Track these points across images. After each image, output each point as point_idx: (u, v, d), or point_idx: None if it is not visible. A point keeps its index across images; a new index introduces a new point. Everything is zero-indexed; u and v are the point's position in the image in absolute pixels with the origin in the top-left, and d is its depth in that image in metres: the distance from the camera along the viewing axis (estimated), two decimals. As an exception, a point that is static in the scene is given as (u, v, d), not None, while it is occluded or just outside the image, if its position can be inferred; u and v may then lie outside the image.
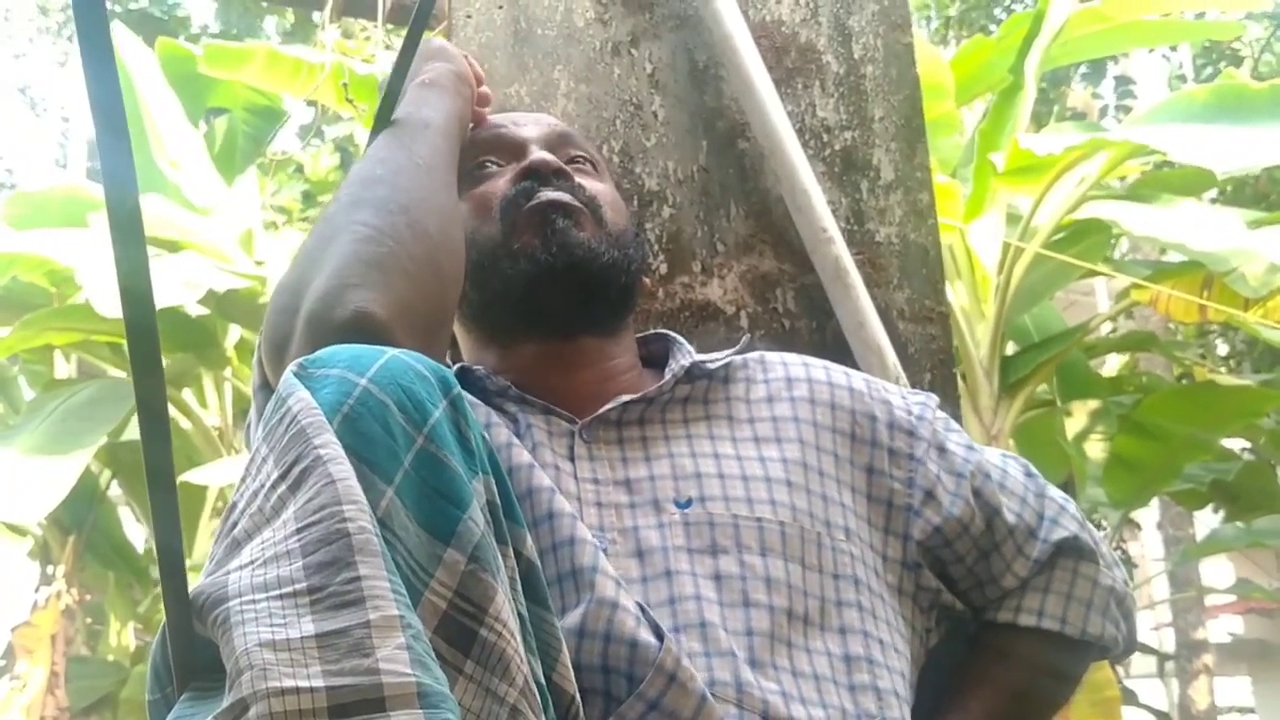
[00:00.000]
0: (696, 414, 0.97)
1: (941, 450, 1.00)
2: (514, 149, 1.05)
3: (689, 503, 0.90)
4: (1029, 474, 1.05)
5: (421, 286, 0.83)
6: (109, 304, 4.11)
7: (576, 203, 0.99)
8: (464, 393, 0.94)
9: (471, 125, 1.07)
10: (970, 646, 1.04)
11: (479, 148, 1.05)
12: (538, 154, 1.02)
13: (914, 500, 0.98)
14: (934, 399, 1.06)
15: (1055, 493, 1.05)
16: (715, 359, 1.01)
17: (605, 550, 0.87)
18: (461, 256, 0.92)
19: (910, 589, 0.97)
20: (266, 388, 0.83)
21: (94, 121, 0.60)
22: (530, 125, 1.08)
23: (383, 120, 0.96)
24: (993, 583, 1.01)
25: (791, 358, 1.05)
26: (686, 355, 1.00)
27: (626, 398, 0.95)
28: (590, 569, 0.82)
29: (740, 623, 0.85)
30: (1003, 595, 1.01)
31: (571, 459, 0.92)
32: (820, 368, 1.03)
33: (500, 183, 1.02)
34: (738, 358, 1.03)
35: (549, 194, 0.99)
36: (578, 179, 1.02)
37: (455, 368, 1.02)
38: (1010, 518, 1.00)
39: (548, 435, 0.93)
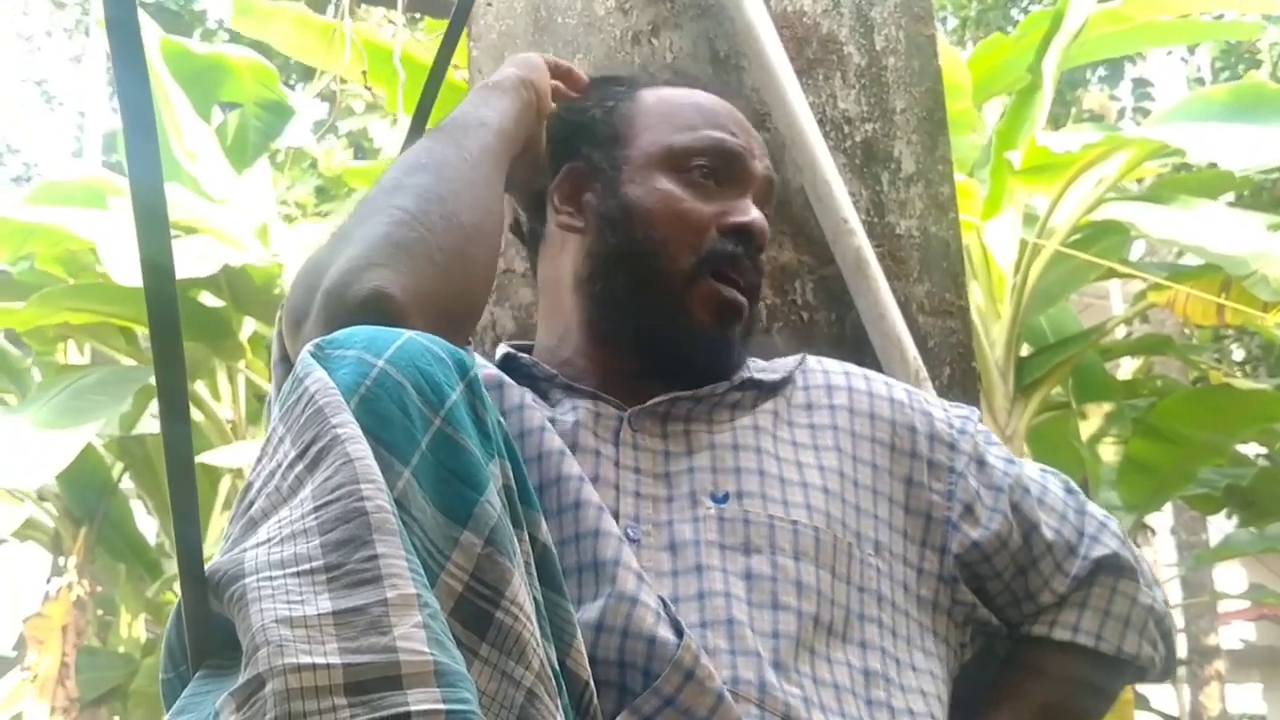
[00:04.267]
0: (743, 415, 0.97)
1: (981, 464, 0.99)
2: (735, 174, 1.00)
3: (726, 497, 0.90)
4: (1069, 490, 1.03)
5: (448, 276, 0.82)
6: (127, 274, 4.14)
7: (749, 306, 0.98)
8: (501, 372, 0.94)
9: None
10: (1003, 660, 1.02)
11: (697, 141, 0.99)
12: (758, 216, 0.98)
13: (953, 514, 0.96)
14: (976, 412, 1.05)
15: (1096, 509, 1.03)
16: (771, 373, 1.00)
17: (638, 541, 0.87)
18: (495, 252, 0.90)
19: (946, 603, 0.96)
20: (286, 361, 0.83)
21: (122, 120, 0.61)
22: (753, 146, 1.02)
23: (423, 113, 0.96)
24: (1029, 599, 0.99)
25: (833, 365, 1.04)
26: (745, 368, 1.00)
27: (679, 393, 0.95)
28: (612, 562, 0.82)
29: (767, 624, 0.84)
30: (1039, 610, 1.00)
31: (616, 444, 0.92)
32: (861, 377, 1.02)
33: (709, 209, 0.97)
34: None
35: (737, 295, 0.96)
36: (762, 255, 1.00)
37: (501, 353, 1.02)
38: (1049, 534, 0.99)
39: (594, 419, 0.92)
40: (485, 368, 0.95)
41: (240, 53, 5.62)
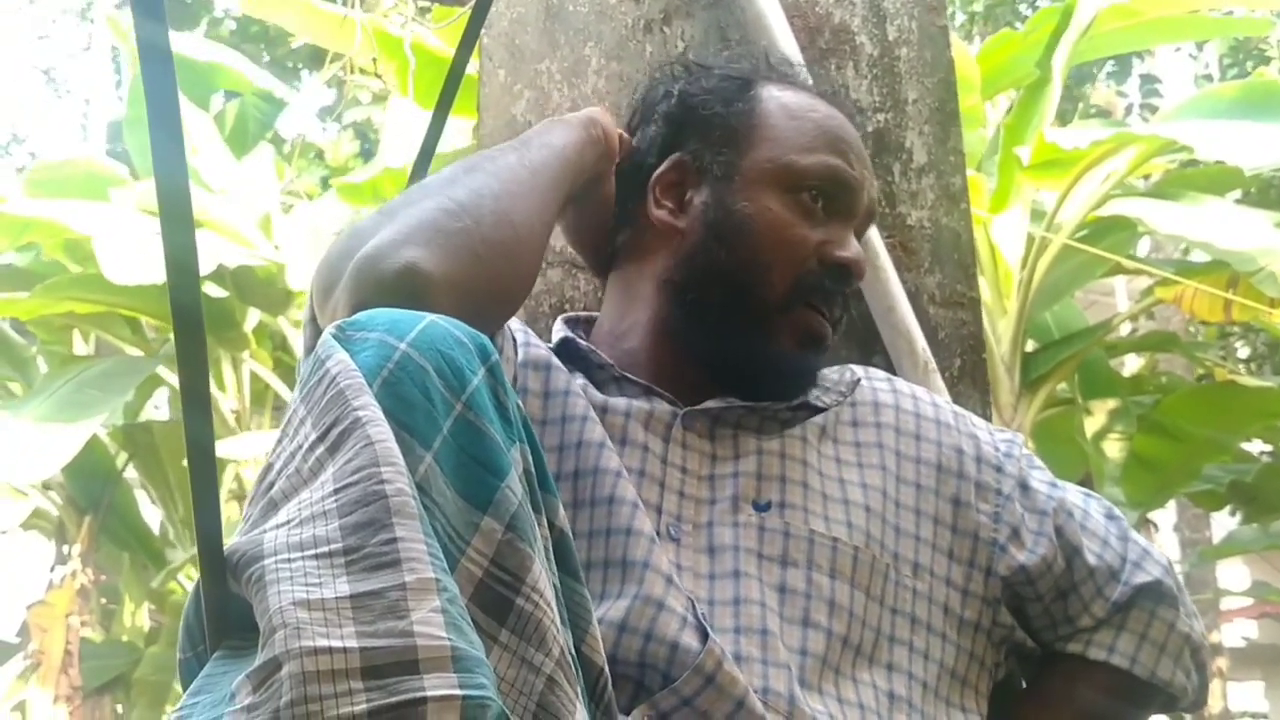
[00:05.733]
0: (792, 427, 0.96)
1: (1025, 488, 0.99)
2: (843, 203, 0.98)
3: (768, 506, 0.90)
4: (1110, 516, 1.03)
5: (487, 270, 0.82)
6: (122, 272, 4.14)
7: (830, 339, 0.97)
8: (552, 353, 0.95)
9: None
10: (1034, 675, 1.03)
11: (816, 166, 0.97)
12: (858, 254, 0.97)
13: (1000, 536, 0.96)
14: (1020, 437, 1.05)
15: (1138, 536, 1.03)
16: (826, 399, 0.99)
17: (678, 540, 0.87)
18: (539, 259, 0.90)
19: (987, 625, 0.96)
20: (315, 322, 0.84)
21: (149, 115, 0.61)
22: (865, 174, 1.00)
23: (444, 105, 0.95)
24: (1068, 622, 0.99)
25: (881, 381, 1.03)
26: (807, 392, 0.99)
27: (735, 400, 0.94)
28: (641, 564, 0.82)
29: (796, 640, 0.85)
30: (1075, 632, 0.99)
31: (666, 441, 0.92)
32: (909, 397, 1.02)
33: (814, 236, 0.96)
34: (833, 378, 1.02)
35: (824, 325, 0.96)
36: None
37: (560, 334, 1.02)
38: (1091, 559, 0.98)
39: (646, 414, 0.92)
40: (536, 348, 0.95)
41: (218, 54, 5.67)
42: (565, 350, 0.99)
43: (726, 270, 0.95)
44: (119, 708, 5.72)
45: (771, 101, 1.01)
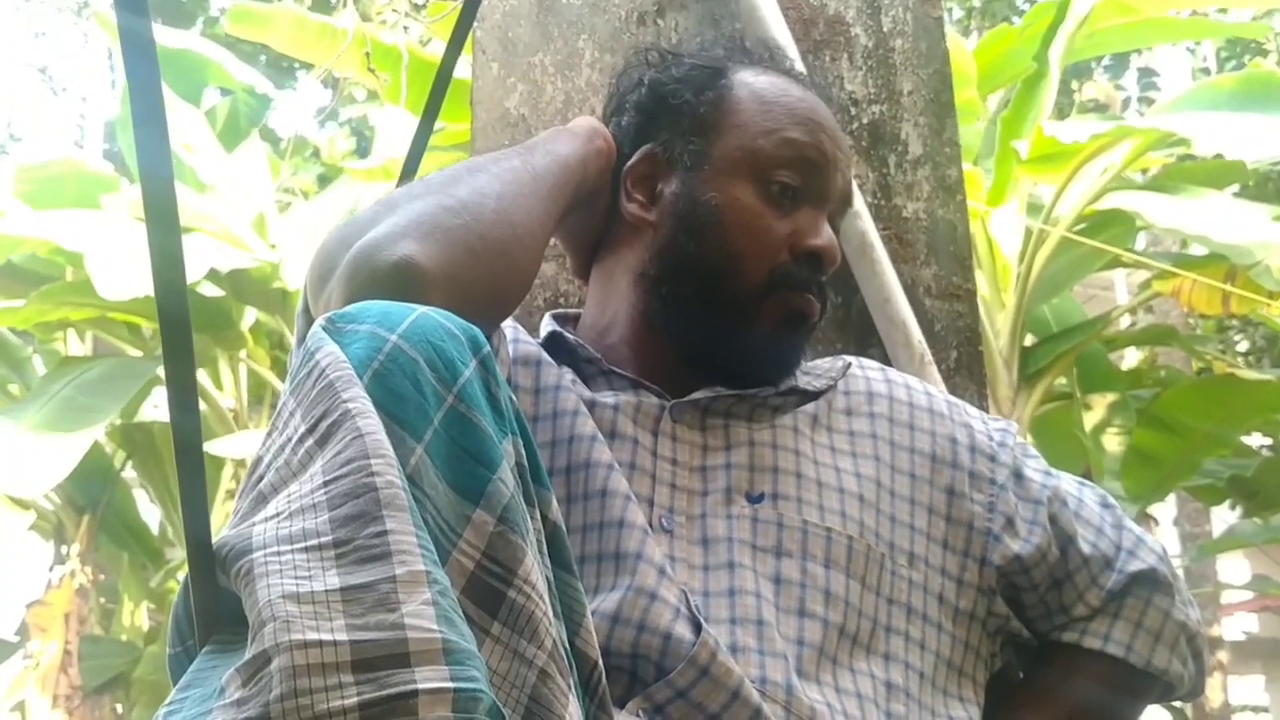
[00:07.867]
0: (783, 416, 0.96)
1: (1019, 477, 0.99)
2: (815, 189, 0.96)
3: (761, 497, 0.89)
4: (1105, 504, 1.03)
5: (483, 267, 0.82)
6: (114, 286, 4.12)
7: (814, 321, 0.96)
8: (543, 350, 0.94)
9: None
10: (1030, 665, 1.02)
11: (786, 153, 0.96)
12: (829, 241, 0.95)
13: (994, 525, 0.96)
14: (1014, 426, 1.04)
15: (1133, 524, 1.03)
16: (815, 379, 0.98)
17: (671, 532, 0.87)
18: (536, 262, 0.89)
19: (982, 614, 0.96)
20: (308, 313, 0.83)
21: (132, 109, 0.61)
22: (839, 156, 0.98)
23: (436, 100, 0.95)
24: (1062, 611, 0.99)
25: (874, 370, 1.03)
26: (793, 375, 0.98)
27: (722, 389, 0.94)
28: (634, 555, 0.82)
29: (793, 630, 0.84)
30: (1070, 621, 0.99)
31: (655, 434, 0.91)
32: (902, 386, 1.01)
33: (784, 227, 0.94)
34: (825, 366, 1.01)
35: (805, 305, 0.94)
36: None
37: (547, 328, 1.01)
38: (1085, 547, 0.98)
39: (634, 408, 0.92)
40: (526, 344, 0.95)
41: (208, 50, 5.67)
42: (553, 345, 0.99)
43: (698, 263, 0.94)
44: (118, 707, 5.72)
45: (742, 88, 1.00)
